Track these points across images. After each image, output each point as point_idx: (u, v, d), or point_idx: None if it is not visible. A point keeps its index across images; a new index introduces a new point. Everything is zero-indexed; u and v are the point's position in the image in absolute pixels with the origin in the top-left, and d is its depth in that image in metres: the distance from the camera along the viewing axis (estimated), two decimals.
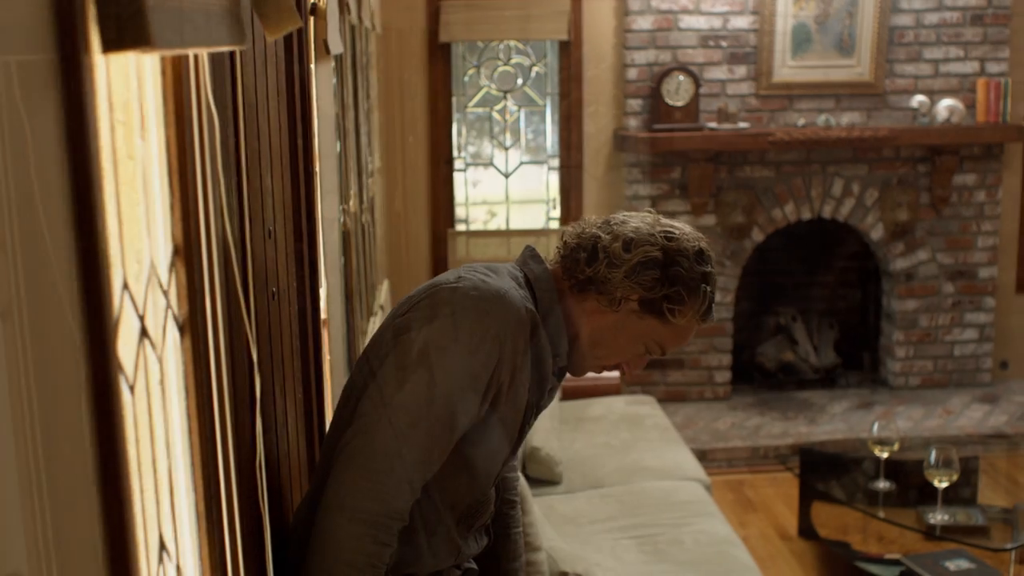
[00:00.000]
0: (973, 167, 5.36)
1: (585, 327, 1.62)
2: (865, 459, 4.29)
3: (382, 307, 4.35)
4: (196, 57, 1.07)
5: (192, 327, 1.11)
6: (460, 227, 5.40)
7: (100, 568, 0.79)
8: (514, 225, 5.47)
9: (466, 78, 5.35)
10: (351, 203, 3.28)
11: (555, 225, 5.44)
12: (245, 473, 1.23)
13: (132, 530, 0.83)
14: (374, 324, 3.90)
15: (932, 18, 5.22)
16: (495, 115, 5.40)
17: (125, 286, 0.94)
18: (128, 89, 1.02)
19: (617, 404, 4.42)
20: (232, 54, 1.36)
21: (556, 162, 5.40)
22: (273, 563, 1.45)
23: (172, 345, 1.09)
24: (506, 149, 5.42)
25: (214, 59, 1.18)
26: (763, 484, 4.71)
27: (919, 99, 5.19)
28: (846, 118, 5.25)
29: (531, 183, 5.54)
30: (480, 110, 5.40)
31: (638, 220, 1.62)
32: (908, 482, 3.93)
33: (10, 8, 0.68)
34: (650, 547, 3.17)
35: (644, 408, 4.38)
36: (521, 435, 1.66)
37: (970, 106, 5.26)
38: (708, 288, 1.60)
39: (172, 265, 1.10)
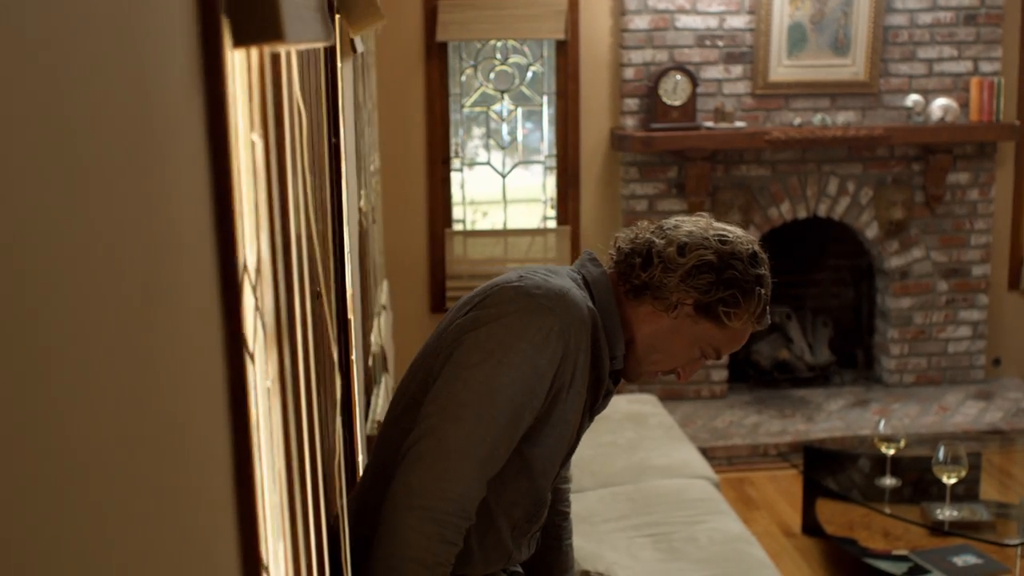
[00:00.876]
0: (966, 166, 5.40)
1: (641, 332, 1.62)
2: (863, 456, 4.32)
3: (384, 307, 4.33)
4: (288, 54, 1.06)
5: (277, 327, 1.09)
6: (457, 227, 5.38)
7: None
8: (511, 225, 5.45)
9: (463, 77, 5.33)
10: (362, 202, 3.27)
11: (552, 225, 5.44)
12: (326, 474, 1.21)
13: (259, 536, 0.82)
14: (377, 324, 3.88)
15: (926, 18, 5.26)
16: (492, 115, 5.39)
17: None
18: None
19: (619, 403, 4.42)
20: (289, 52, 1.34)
21: (553, 161, 5.39)
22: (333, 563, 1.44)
23: (260, 346, 1.08)
24: (503, 148, 5.40)
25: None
26: (764, 482, 4.73)
27: (913, 98, 5.22)
28: (841, 117, 5.28)
29: (528, 182, 5.53)
30: (477, 110, 5.39)
31: (691, 224, 1.63)
32: (908, 478, 3.96)
33: (164, 4, 0.66)
34: (665, 545, 3.17)
35: (647, 407, 4.38)
36: (577, 437, 1.66)
37: (964, 105, 5.30)
38: (763, 291, 1.60)
39: (258, 264, 1.09)
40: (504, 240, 5.39)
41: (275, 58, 1.06)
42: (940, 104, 5.21)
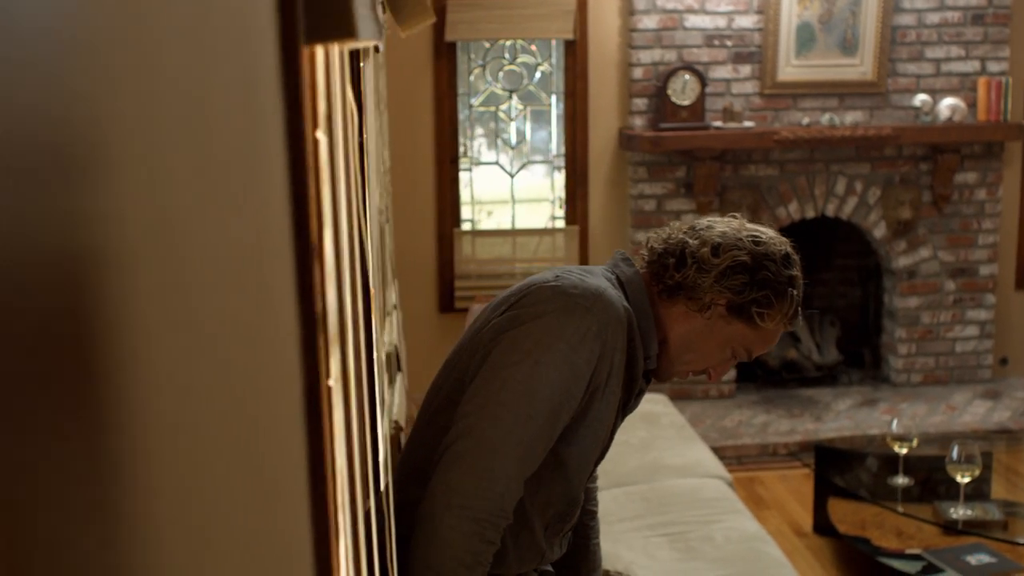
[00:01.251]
0: (974, 165, 5.41)
1: (674, 332, 1.63)
2: (870, 455, 4.33)
3: (395, 306, 4.33)
4: (341, 52, 1.05)
5: (341, 326, 1.09)
6: (466, 226, 5.38)
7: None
8: (518, 224, 5.45)
9: (471, 77, 5.33)
10: (379, 201, 3.27)
11: (560, 224, 5.44)
12: (368, 475, 1.21)
13: (331, 537, 0.82)
14: (390, 323, 3.88)
15: (934, 18, 5.26)
16: (500, 114, 5.39)
17: None
18: None
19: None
20: (342, 50, 1.34)
21: (561, 161, 5.39)
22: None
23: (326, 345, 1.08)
24: (511, 148, 5.40)
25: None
26: (774, 481, 4.73)
27: (921, 98, 5.23)
28: (849, 117, 5.28)
29: (535, 182, 5.53)
30: (485, 109, 5.38)
31: (724, 225, 1.64)
32: (917, 477, 3.97)
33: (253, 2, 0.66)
34: (681, 544, 3.17)
35: (658, 406, 4.38)
36: (611, 436, 1.66)
37: (971, 105, 5.31)
38: (795, 292, 1.62)
39: (323, 264, 1.09)
40: (512, 240, 5.39)
41: (326, 56, 1.05)
42: (948, 104, 5.21)
